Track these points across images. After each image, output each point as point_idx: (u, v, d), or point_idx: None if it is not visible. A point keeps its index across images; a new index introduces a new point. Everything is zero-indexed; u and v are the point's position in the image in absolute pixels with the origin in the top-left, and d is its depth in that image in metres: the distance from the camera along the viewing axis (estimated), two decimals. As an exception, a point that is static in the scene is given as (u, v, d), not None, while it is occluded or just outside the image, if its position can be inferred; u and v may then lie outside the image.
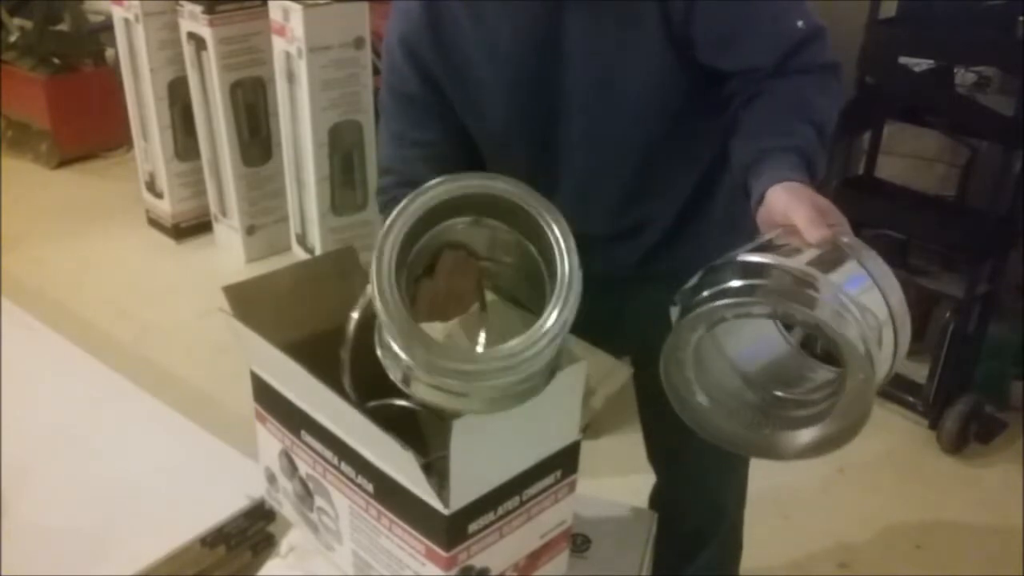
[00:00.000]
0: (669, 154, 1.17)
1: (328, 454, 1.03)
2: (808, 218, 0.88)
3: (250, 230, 3.41)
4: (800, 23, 1.05)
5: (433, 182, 0.88)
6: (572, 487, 1.05)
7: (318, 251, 3.13)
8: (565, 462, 1.01)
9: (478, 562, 0.96)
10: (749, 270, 0.86)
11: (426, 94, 1.17)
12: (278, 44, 2.96)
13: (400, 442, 0.86)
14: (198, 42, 3.15)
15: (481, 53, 1.12)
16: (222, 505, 1.34)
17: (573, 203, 1.23)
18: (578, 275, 0.88)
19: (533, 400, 0.89)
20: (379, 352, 0.91)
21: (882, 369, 0.84)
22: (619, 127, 1.13)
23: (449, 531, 0.91)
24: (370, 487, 0.98)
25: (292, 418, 1.08)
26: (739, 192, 1.01)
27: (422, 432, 1.10)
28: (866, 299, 0.83)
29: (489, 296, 1.07)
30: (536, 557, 1.04)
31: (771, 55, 1.05)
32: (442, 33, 1.13)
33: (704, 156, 1.20)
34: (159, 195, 3.59)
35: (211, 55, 3.11)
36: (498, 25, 1.09)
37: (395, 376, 0.89)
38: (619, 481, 1.67)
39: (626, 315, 1.28)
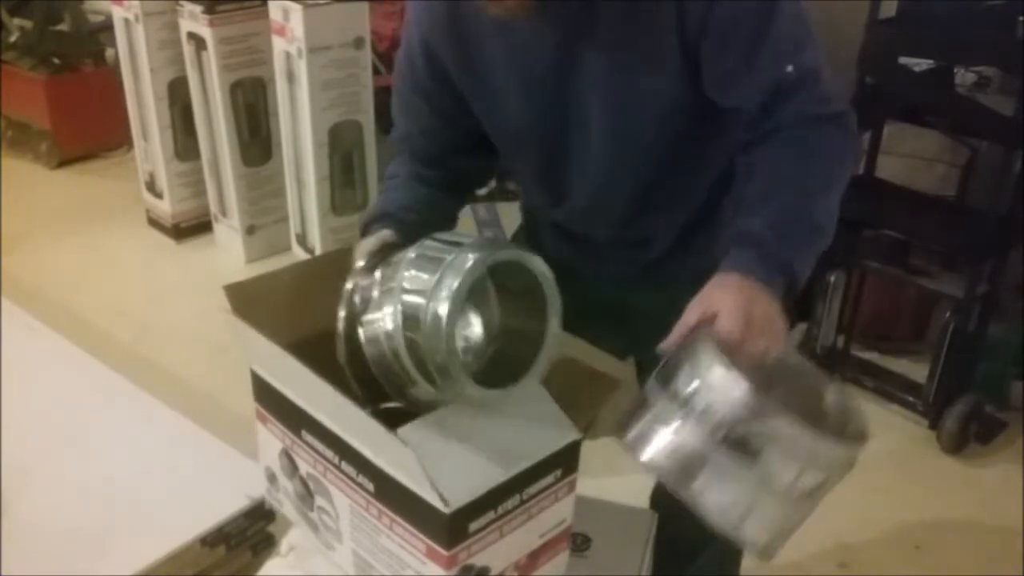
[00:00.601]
0: (675, 173, 1.17)
1: (329, 453, 1.03)
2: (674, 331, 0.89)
3: (250, 230, 3.41)
4: (790, 68, 1.01)
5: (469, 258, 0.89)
6: (572, 486, 1.05)
7: (318, 251, 3.13)
8: (565, 461, 1.01)
9: (478, 561, 0.96)
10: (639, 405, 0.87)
11: (433, 93, 1.19)
12: (278, 44, 2.96)
13: (401, 439, 0.86)
14: (198, 42, 3.15)
15: (501, 57, 1.12)
16: (222, 505, 1.34)
17: (580, 209, 1.24)
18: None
19: (500, 397, 0.94)
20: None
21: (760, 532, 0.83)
22: (629, 146, 1.13)
23: (450, 530, 0.91)
24: (371, 486, 0.98)
25: (292, 417, 1.08)
26: None
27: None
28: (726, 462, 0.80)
29: None
30: (536, 556, 1.04)
31: (755, 99, 1.03)
32: (463, 31, 1.12)
33: (710, 176, 1.20)
34: (159, 195, 3.58)
35: (211, 55, 3.11)
36: (521, 32, 1.08)
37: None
38: (619, 481, 1.66)
39: (631, 315, 1.28)
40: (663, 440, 0.82)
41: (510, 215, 3.41)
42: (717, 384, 0.80)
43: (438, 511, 0.90)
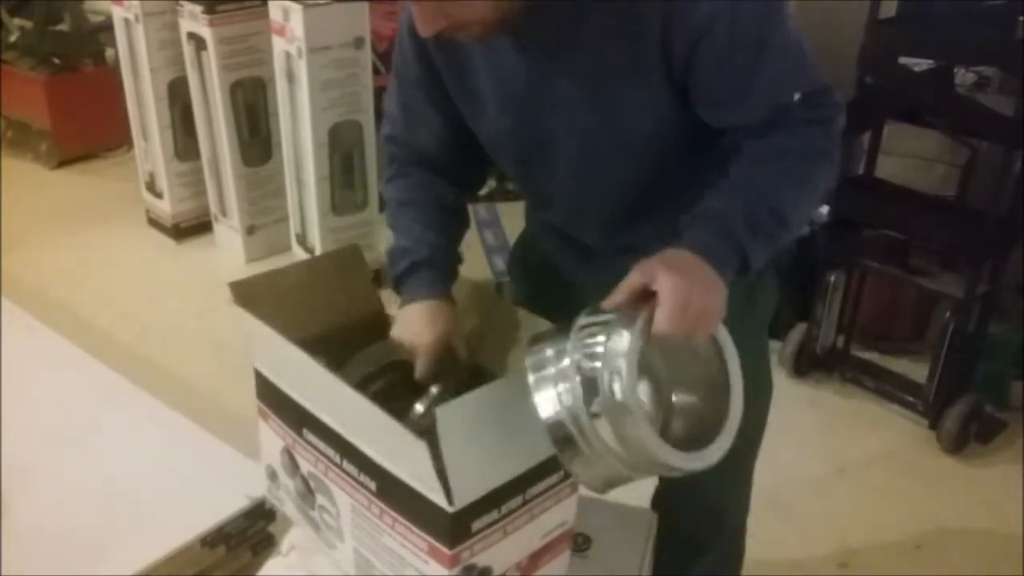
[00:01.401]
0: (658, 187, 1.16)
1: (330, 452, 1.03)
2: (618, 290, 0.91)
3: (250, 230, 3.41)
4: (797, 96, 1.02)
5: None
6: (574, 487, 1.05)
7: (318, 251, 3.13)
8: (567, 461, 1.01)
9: (481, 561, 0.96)
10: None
11: (432, 87, 1.19)
12: (278, 44, 2.96)
13: (410, 431, 0.86)
14: (198, 42, 3.15)
15: (484, 64, 1.12)
16: (222, 505, 1.34)
17: (564, 215, 1.24)
18: None
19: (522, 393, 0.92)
20: None
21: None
22: (603, 160, 1.13)
23: (453, 529, 0.91)
24: (372, 485, 0.98)
25: (294, 416, 1.08)
26: None
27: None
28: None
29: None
30: (538, 557, 1.04)
31: (759, 119, 1.04)
32: (451, 36, 1.12)
33: (696, 191, 1.19)
34: (159, 195, 3.58)
35: (211, 55, 3.11)
36: (502, 44, 1.08)
37: None
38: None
39: None
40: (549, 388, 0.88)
41: (510, 215, 3.41)
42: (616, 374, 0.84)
43: (441, 510, 0.89)
